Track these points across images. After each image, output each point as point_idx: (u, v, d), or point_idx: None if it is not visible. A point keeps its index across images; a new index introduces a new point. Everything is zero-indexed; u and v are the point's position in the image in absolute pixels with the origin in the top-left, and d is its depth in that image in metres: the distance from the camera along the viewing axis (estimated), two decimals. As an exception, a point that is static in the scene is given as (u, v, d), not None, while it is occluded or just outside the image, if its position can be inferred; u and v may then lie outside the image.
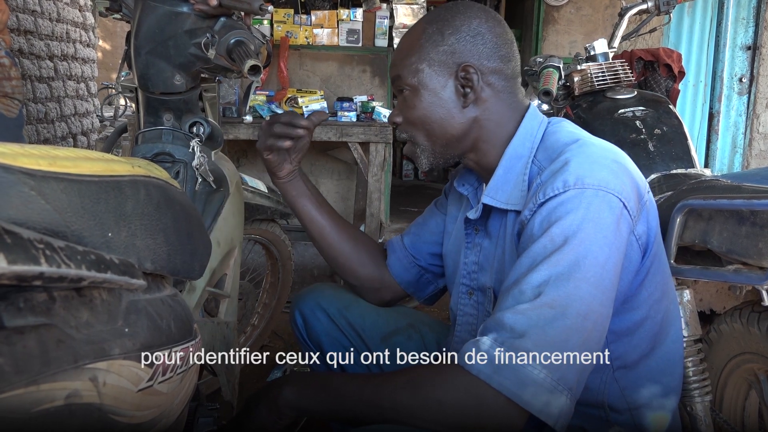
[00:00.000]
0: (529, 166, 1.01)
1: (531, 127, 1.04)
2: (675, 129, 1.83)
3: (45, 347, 0.45)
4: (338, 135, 3.42)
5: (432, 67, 1.03)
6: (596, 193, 0.89)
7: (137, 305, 0.63)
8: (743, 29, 4.43)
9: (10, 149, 0.49)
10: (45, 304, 0.48)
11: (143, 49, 1.23)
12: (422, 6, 3.85)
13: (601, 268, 0.87)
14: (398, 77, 1.06)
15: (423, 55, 1.04)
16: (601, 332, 0.87)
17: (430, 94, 1.04)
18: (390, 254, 1.31)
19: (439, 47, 1.03)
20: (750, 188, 1.16)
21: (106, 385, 0.51)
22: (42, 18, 4.52)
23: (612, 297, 0.89)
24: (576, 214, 0.88)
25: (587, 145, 0.96)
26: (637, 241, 0.96)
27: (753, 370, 1.39)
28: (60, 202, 0.50)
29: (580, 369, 0.85)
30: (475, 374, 0.83)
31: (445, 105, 1.04)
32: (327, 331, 1.30)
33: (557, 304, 0.84)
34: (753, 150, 4.58)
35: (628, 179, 0.94)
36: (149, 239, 0.67)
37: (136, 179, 0.67)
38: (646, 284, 0.99)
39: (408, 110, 1.06)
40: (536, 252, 0.88)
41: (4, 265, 0.37)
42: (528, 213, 0.93)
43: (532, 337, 0.83)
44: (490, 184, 1.04)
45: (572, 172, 0.90)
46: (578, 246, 0.86)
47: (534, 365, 0.82)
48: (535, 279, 0.86)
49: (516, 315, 0.85)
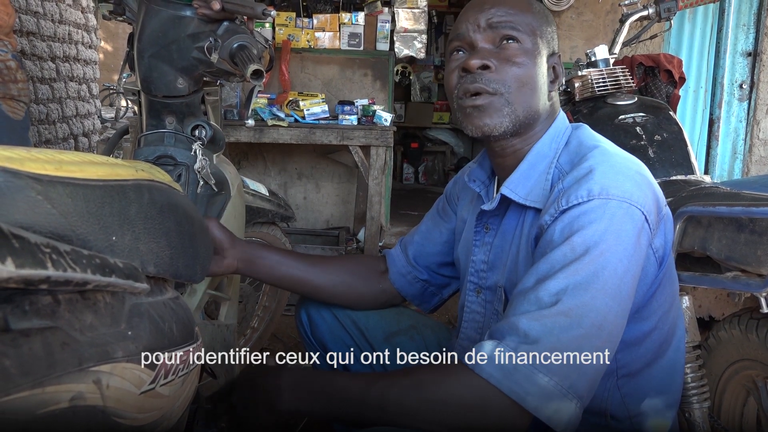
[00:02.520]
0: (552, 168, 1.01)
1: (559, 130, 1.05)
2: (675, 135, 1.84)
3: (50, 350, 0.45)
4: (339, 138, 3.43)
5: (542, 40, 1.02)
6: (620, 204, 0.89)
7: (140, 308, 0.63)
8: (744, 35, 4.44)
9: (17, 154, 0.50)
10: (50, 307, 0.49)
11: (146, 53, 1.24)
12: (423, 10, 3.87)
13: (620, 280, 0.87)
14: (512, 27, 1.00)
15: (536, 25, 1.02)
16: (614, 343, 0.87)
17: (537, 61, 1.01)
18: (391, 267, 1.31)
19: (548, 26, 1.04)
20: (749, 196, 1.17)
21: (110, 388, 0.52)
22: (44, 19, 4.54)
23: (628, 309, 0.89)
24: (599, 225, 0.87)
25: (610, 154, 0.96)
26: (654, 254, 0.96)
27: (751, 377, 1.40)
28: (66, 206, 0.50)
29: (591, 378, 0.85)
30: (485, 377, 0.83)
31: (542, 79, 1.02)
32: (331, 330, 1.32)
33: (573, 314, 0.84)
34: (753, 156, 4.58)
35: (650, 192, 0.94)
36: (152, 243, 0.68)
37: (140, 183, 0.68)
38: (658, 295, 0.99)
39: (514, 65, 0.99)
40: (555, 259, 0.88)
41: (12, 269, 0.38)
42: (549, 218, 0.93)
43: (545, 344, 0.83)
44: (512, 177, 1.03)
45: (597, 182, 0.90)
46: (599, 257, 0.86)
47: (546, 372, 0.82)
48: (552, 286, 0.86)
49: (531, 321, 0.85)
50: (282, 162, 4.02)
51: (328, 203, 4.10)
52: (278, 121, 3.39)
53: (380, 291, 1.31)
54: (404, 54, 3.90)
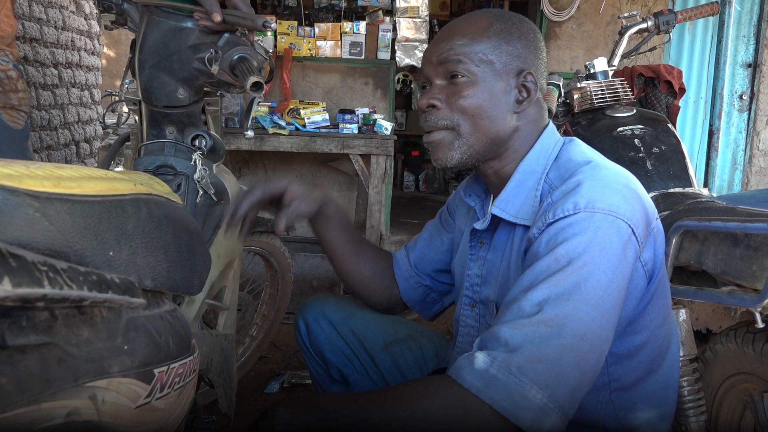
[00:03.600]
0: (542, 184, 1.02)
1: (547, 145, 1.05)
2: (673, 148, 1.84)
3: (46, 366, 0.46)
4: (340, 147, 3.44)
5: (499, 62, 1.02)
6: (605, 217, 0.89)
7: (136, 322, 0.64)
8: (744, 47, 4.46)
9: (16, 171, 0.50)
10: (47, 323, 0.49)
11: (147, 63, 1.25)
12: (425, 20, 3.89)
13: (603, 291, 0.87)
14: (457, 62, 1.01)
15: (492, 48, 1.01)
16: (599, 354, 0.88)
17: (490, 89, 1.02)
18: (396, 270, 1.32)
19: (509, 46, 1.02)
20: (745, 211, 1.17)
21: (105, 403, 0.52)
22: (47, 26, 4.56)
23: (613, 321, 0.89)
24: (583, 237, 0.88)
25: (600, 168, 0.97)
26: (643, 267, 0.97)
27: (748, 391, 1.40)
28: (63, 223, 0.51)
29: (573, 388, 0.85)
30: (466, 387, 0.84)
31: (500, 104, 1.02)
32: (329, 339, 1.33)
33: (554, 323, 0.84)
34: (753, 167, 4.59)
35: (639, 205, 0.94)
36: (150, 257, 0.68)
37: (138, 197, 0.68)
38: (650, 309, 1.00)
39: (461, 98, 1.02)
40: (539, 270, 0.89)
41: (9, 288, 0.38)
42: (536, 231, 0.94)
43: (525, 352, 0.83)
44: (501, 196, 1.05)
45: (583, 195, 0.91)
46: (582, 268, 0.87)
47: (525, 381, 0.82)
48: (535, 296, 0.87)
49: (512, 330, 0.85)
50: (282, 170, 4.03)
51: (329, 211, 4.10)
52: (279, 129, 3.41)
53: (390, 295, 1.32)
54: (405, 63, 3.92)
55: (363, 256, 1.30)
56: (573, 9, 4.18)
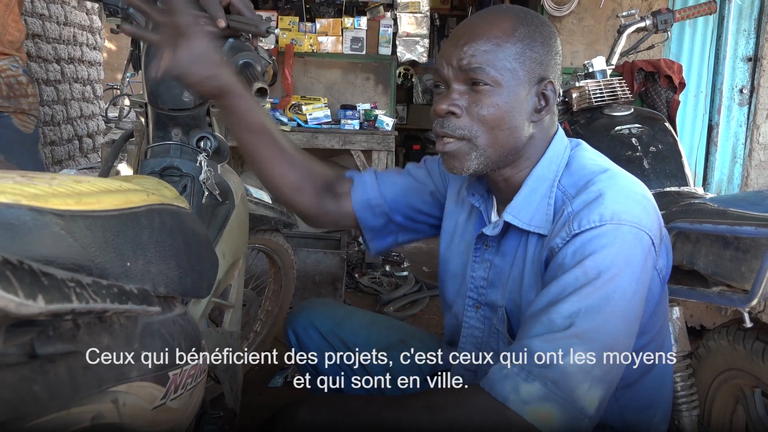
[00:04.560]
0: (554, 191, 1.02)
1: (558, 151, 1.04)
2: (670, 147, 1.87)
3: (73, 374, 0.50)
4: (341, 143, 3.47)
5: (523, 69, 0.97)
6: (630, 230, 0.91)
7: (151, 327, 0.67)
8: (744, 41, 4.46)
9: (41, 189, 0.54)
10: (71, 332, 0.53)
11: (154, 67, 1.27)
12: (425, 14, 3.90)
13: (629, 302, 0.89)
14: (479, 69, 0.96)
15: (516, 55, 0.97)
16: (623, 363, 0.90)
17: (512, 98, 0.97)
18: (359, 193, 1.24)
19: (533, 52, 0.98)
20: (735, 214, 1.20)
21: (126, 406, 0.56)
22: (50, 21, 4.58)
23: (635, 330, 0.92)
24: (610, 249, 0.90)
25: (617, 177, 0.98)
26: (659, 275, 1.00)
27: (740, 386, 1.43)
28: (86, 238, 0.55)
29: (602, 398, 0.88)
30: (501, 400, 0.86)
31: (520, 113, 0.98)
32: (319, 348, 1.31)
33: (586, 337, 0.86)
34: (753, 161, 4.61)
35: (656, 215, 0.97)
36: (162, 264, 0.72)
37: (151, 208, 0.72)
38: (656, 311, 1.04)
39: (481, 107, 0.97)
40: (567, 282, 0.90)
41: (43, 305, 0.42)
42: (560, 241, 0.94)
43: (559, 366, 0.85)
44: (513, 203, 1.04)
45: (608, 207, 0.92)
46: (610, 281, 0.88)
47: (559, 393, 0.85)
48: (565, 309, 0.88)
49: (544, 343, 0.87)
50: (284, 165, 4.06)
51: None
52: (281, 126, 3.44)
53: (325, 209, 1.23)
54: (406, 58, 3.94)
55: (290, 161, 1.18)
56: (573, 4, 4.19)
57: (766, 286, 1.08)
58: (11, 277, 0.40)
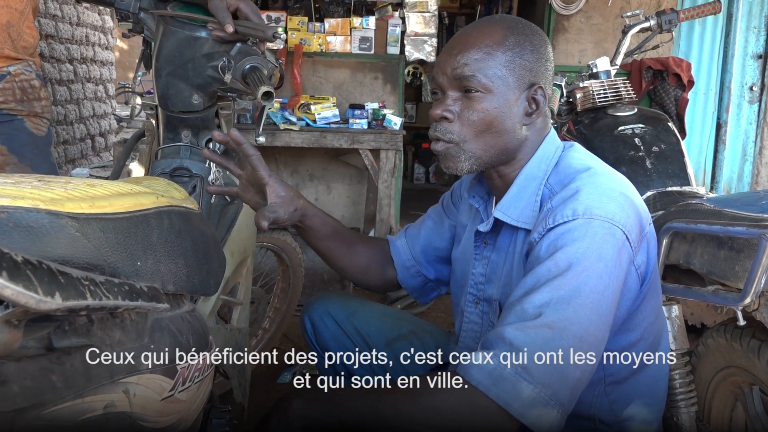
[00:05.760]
0: (542, 189, 1.07)
1: (548, 151, 1.10)
2: (672, 147, 1.89)
3: (87, 365, 0.54)
4: (349, 142, 3.50)
5: (512, 76, 1.03)
6: (602, 224, 0.95)
7: (161, 323, 0.71)
8: (755, 38, 4.44)
9: (57, 194, 0.58)
10: (85, 327, 0.57)
11: (164, 71, 1.31)
12: (434, 14, 3.93)
13: (600, 295, 0.93)
14: (471, 76, 1.03)
15: (506, 62, 1.03)
16: (596, 354, 0.93)
17: (502, 103, 1.04)
18: (396, 258, 1.37)
19: (522, 59, 1.04)
20: (729, 214, 1.23)
21: (136, 396, 0.60)
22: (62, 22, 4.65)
23: (608, 322, 0.95)
24: (581, 243, 0.94)
25: (597, 175, 1.02)
26: (637, 271, 1.02)
27: (738, 383, 1.45)
28: (99, 240, 0.59)
29: (573, 386, 0.91)
30: (474, 384, 0.90)
31: (512, 118, 1.05)
32: (334, 336, 1.39)
33: (556, 326, 0.90)
34: (763, 158, 4.59)
35: (633, 212, 1.00)
36: (171, 263, 0.76)
37: (161, 210, 0.76)
38: (642, 308, 1.06)
39: (472, 112, 1.04)
40: (540, 274, 0.94)
41: (60, 301, 0.46)
42: (537, 236, 0.99)
43: (529, 353, 0.89)
44: (504, 200, 1.10)
45: (582, 202, 0.96)
46: (581, 273, 0.92)
47: (530, 380, 0.88)
48: (537, 299, 0.92)
49: (517, 331, 0.91)
50: (294, 164, 4.11)
51: (339, 204, 4.17)
52: (290, 125, 3.47)
53: (386, 280, 1.37)
54: (415, 57, 3.96)
55: (355, 251, 1.35)
56: (581, 2, 4.20)
57: (758, 284, 1.10)
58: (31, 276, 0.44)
